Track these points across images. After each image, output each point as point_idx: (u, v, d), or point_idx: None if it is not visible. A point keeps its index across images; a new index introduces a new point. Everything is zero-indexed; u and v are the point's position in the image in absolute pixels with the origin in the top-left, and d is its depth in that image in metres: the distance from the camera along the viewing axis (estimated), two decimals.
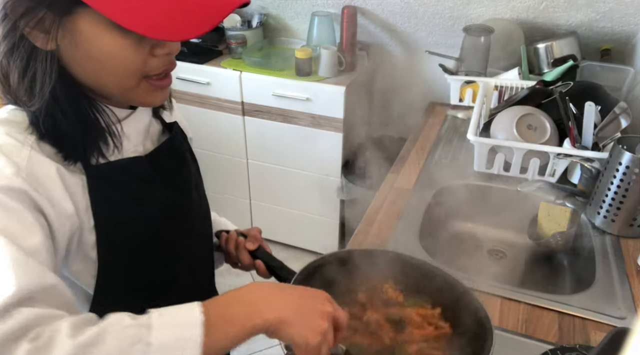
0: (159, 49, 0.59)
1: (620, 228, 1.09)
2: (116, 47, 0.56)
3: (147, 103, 0.65)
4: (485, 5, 1.83)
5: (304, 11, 2.15)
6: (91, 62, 0.57)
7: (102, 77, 0.59)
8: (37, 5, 0.54)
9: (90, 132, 0.61)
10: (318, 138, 2.05)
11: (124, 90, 0.61)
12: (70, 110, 0.59)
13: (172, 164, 0.75)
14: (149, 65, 0.59)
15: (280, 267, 0.88)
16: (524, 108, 1.33)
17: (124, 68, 0.58)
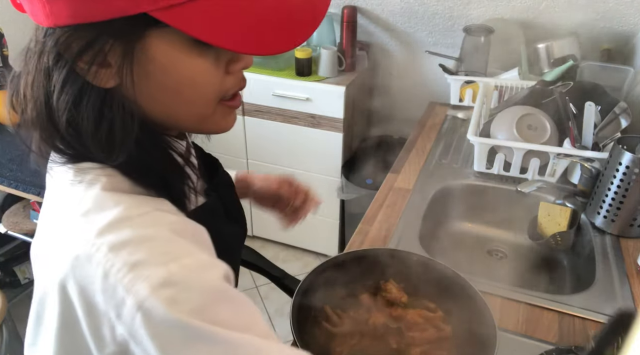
0: (234, 65, 0.51)
1: (620, 228, 1.09)
2: (195, 70, 0.48)
3: (222, 129, 0.56)
4: (485, 5, 1.83)
5: None
6: (166, 94, 0.48)
7: (178, 109, 0.50)
8: (100, 35, 0.43)
9: (178, 175, 0.54)
10: (318, 138, 2.05)
11: (201, 119, 0.53)
12: (156, 151, 0.51)
13: (229, 195, 0.69)
14: (225, 86, 0.51)
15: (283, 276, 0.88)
16: (524, 108, 1.33)
17: (203, 93, 0.50)
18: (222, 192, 0.64)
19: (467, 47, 1.76)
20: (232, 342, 0.42)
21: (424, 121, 1.70)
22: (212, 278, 0.44)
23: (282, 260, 2.37)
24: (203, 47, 0.47)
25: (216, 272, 0.45)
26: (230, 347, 0.42)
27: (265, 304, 2.15)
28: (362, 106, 2.22)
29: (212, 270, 0.45)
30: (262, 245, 2.44)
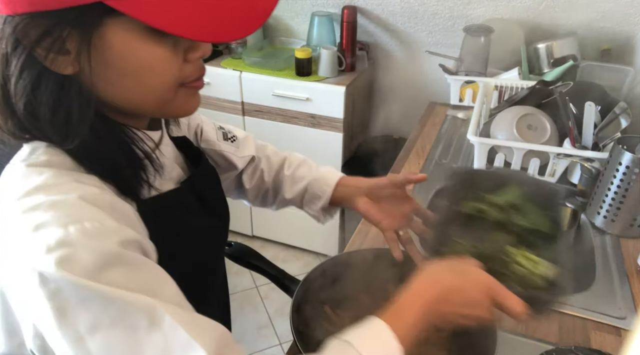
0: (192, 54, 0.53)
1: (620, 228, 1.09)
2: (153, 57, 0.49)
3: (185, 112, 0.58)
4: (485, 5, 1.83)
5: (304, 11, 2.15)
6: (125, 80, 0.50)
7: (137, 95, 0.52)
8: (58, 23, 0.45)
9: (132, 162, 0.55)
10: (318, 138, 2.05)
11: (162, 103, 0.54)
12: (109, 140, 0.53)
13: (209, 188, 0.70)
14: (184, 73, 0.53)
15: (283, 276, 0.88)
16: (524, 108, 1.33)
17: (162, 79, 0.52)
18: (199, 184, 0.65)
19: (467, 47, 1.76)
20: (125, 300, 0.44)
21: (424, 121, 1.70)
22: (110, 243, 0.45)
23: (282, 260, 2.37)
24: (160, 35, 0.48)
25: (116, 238, 0.46)
26: (123, 306, 0.44)
27: (265, 304, 2.15)
28: (362, 106, 2.22)
29: (113, 235, 0.46)
30: (262, 245, 2.44)
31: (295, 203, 0.89)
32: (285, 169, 0.89)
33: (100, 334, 0.44)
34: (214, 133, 0.84)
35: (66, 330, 0.44)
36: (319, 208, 0.87)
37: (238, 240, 0.92)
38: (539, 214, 0.71)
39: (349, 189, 0.85)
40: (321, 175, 0.88)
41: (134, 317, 0.44)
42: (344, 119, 1.97)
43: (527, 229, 0.69)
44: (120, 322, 0.44)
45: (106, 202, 0.49)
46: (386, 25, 2.08)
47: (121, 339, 0.44)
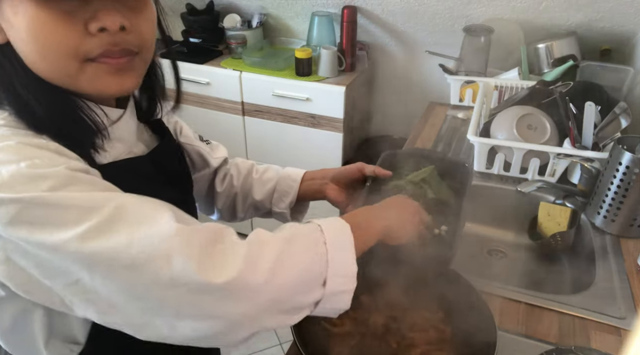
0: (92, 24, 0.53)
1: (620, 228, 1.09)
2: (43, 23, 0.51)
3: (101, 90, 0.58)
4: (485, 5, 1.83)
5: (304, 11, 2.15)
6: (27, 47, 0.53)
7: (43, 65, 0.54)
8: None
9: (80, 128, 0.59)
10: (318, 138, 2.05)
11: (67, 76, 0.55)
12: (51, 105, 0.56)
13: (171, 163, 0.75)
14: (86, 45, 0.53)
15: None
16: (524, 108, 1.33)
17: (56, 48, 0.52)
18: (159, 157, 0.71)
19: (467, 47, 1.76)
20: (88, 198, 0.50)
21: (424, 121, 1.70)
22: (60, 168, 0.50)
23: None
24: (48, 2, 0.50)
25: (65, 165, 0.51)
26: (86, 202, 0.49)
27: None
28: (362, 106, 2.22)
29: (62, 163, 0.51)
30: None
31: (265, 204, 0.95)
32: (253, 174, 0.96)
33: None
34: (191, 133, 0.89)
35: (42, 234, 0.48)
36: (287, 205, 0.93)
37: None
38: (442, 185, 0.92)
39: (316, 182, 0.93)
40: (287, 174, 0.95)
41: (98, 206, 0.49)
42: (344, 119, 1.97)
43: (433, 198, 0.89)
44: (86, 213, 0.49)
45: (51, 147, 0.53)
46: (386, 25, 2.08)
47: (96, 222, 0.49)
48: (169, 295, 0.49)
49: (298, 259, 0.56)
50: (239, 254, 0.52)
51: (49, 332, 0.61)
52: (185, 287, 0.49)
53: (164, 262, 0.48)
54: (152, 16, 0.61)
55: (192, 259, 0.49)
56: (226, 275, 0.49)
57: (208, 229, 0.53)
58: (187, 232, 0.50)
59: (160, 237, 0.49)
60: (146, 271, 0.48)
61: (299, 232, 0.58)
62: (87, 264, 0.48)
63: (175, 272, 0.48)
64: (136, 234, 0.49)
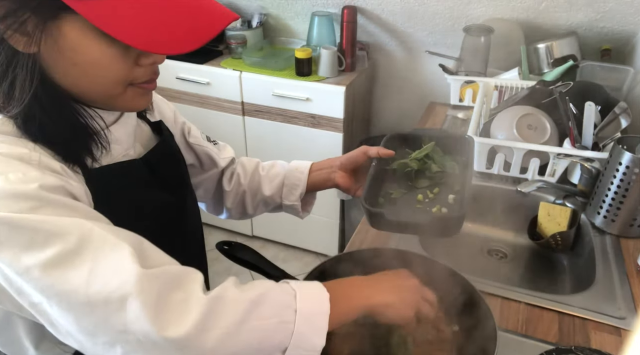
0: (145, 59, 0.57)
1: (620, 228, 1.09)
2: (102, 55, 0.54)
3: (132, 108, 0.63)
4: (485, 5, 1.83)
5: (304, 11, 2.15)
6: (75, 69, 0.55)
7: (85, 85, 0.57)
8: (20, 8, 0.51)
9: (79, 135, 0.60)
10: (318, 138, 2.05)
11: (108, 97, 0.59)
12: (56, 114, 0.57)
13: (167, 166, 0.74)
14: (133, 74, 0.58)
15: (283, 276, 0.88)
16: (524, 108, 1.33)
17: (108, 77, 0.56)
18: (155, 160, 0.71)
19: (467, 47, 1.76)
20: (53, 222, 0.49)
21: (424, 121, 1.70)
22: (31, 187, 0.50)
23: (282, 260, 2.37)
24: (111, 37, 0.51)
25: (37, 183, 0.51)
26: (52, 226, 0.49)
27: None
28: (362, 106, 2.22)
29: (34, 181, 0.51)
30: (262, 245, 2.44)
31: (275, 199, 0.94)
32: (260, 171, 0.95)
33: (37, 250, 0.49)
34: (199, 134, 0.90)
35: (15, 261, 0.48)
36: (297, 197, 0.93)
37: (238, 240, 0.92)
38: (445, 158, 0.94)
39: (323, 172, 0.93)
40: (294, 166, 0.95)
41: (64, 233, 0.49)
42: (344, 119, 1.97)
43: (437, 171, 0.92)
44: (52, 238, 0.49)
45: (33, 158, 0.54)
46: (386, 25, 2.08)
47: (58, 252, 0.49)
48: (118, 338, 0.49)
49: (258, 325, 0.53)
50: (196, 310, 0.50)
51: (39, 335, 0.61)
52: (135, 334, 0.49)
53: (119, 306, 0.48)
54: None
55: (146, 306, 0.48)
56: (177, 331, 0.49)
57: (171, 274, 0.52)
58: (146, 276, 0.50)
59: (119, 279, 0.49)
60: (100, 312, 0.48)
61: (269, 294, 0.56)
62: (46, 294, 0.49)
63: (128, 318, 0.48)
64: (95, 273, 0.49)
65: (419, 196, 0.89)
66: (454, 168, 0.93)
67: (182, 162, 0.82)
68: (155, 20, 0.52)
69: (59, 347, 0.63)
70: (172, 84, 2.15)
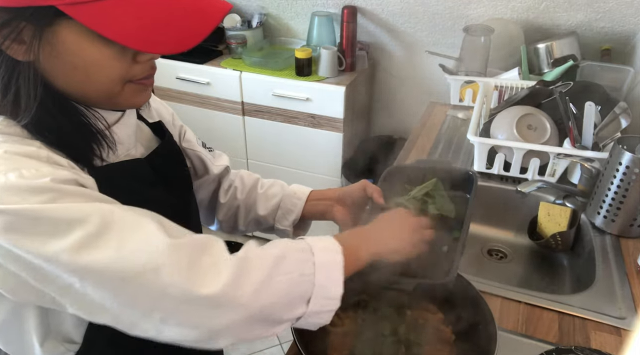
0: (142, 56, 0.58)
1: (620, 228, 1.09)
2: (100, 57, 0.54)
3: (132, 105, 0.64)
4: (485, 5, 1.83)
5: (304, 11, 2.15)
6: (75, 73, 0.56)
7: (86, 87, 0.58)
8: (15, 18, 0.51)
9: (85, 137, 0.60)
10: (318, 138, 2.05)
11: (109, 96, 0.60)
12: (62, 118, 0.58)
13: (170, 166, 0.75)
14: (132, 72, 0.58)
15: None
16: (524, 108, 1.33)
17: (108, 77, 0.57)
18: (157, 160, 0.71)
19: (467, 47, 1.75)
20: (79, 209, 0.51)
21: (424, 121, 1.70)
22: (44, 180, 0.51)
23: None
24: (108, 39, 0.52)
25: (50, 177, 0.52)
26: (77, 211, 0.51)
27: None
28: (362, 106, 2.22)
29: (47, 176, 0.52)
30: None
31: (268, 220, 0.93)
32: (258, 188, 0.94)
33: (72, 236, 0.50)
34: (194, 138, 0.90)
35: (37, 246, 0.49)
36: (290, 222, 0.92)
37: (238, 240, 0.92)
38: (445, 199, 0.90)
39: (321, 203, 0.92)
40: (292, 191, 0.93)
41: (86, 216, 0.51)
42: (344, 119, 1.97)
43: (434, 214, 0.87)
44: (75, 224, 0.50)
45: (42, 155, 0.55)
46: (386, 25, 2.08)
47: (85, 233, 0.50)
48: (156, 305, 0.52)
49: (284, 278, 0.57)
50: (226, 270, 0.53)
51: (45, 331, 0.62)
52: (172, 298, 0.51)
53: (153, 274, 0.50)
54: None
55: (180, 271, 0.51)
56: (212, 288, 0.51)
57: (196, 241, 0.55)
58: (175, 245, 0.52)
59: (148, 250, 0.51)
60: (135, 283, 0.50)
61: (288, 251, 0.59)
62: (79, 275, 0.50)
63: (163, 284, 0.51)
64: (125, 247, 0.51)
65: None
66: (451, 212, 0.89)
67: (184, 163, 0.82)
68: (150, 19, 0.52)
69: (63, 345, 0.63)
70: (172, 84, 2.15)
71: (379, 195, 0.86)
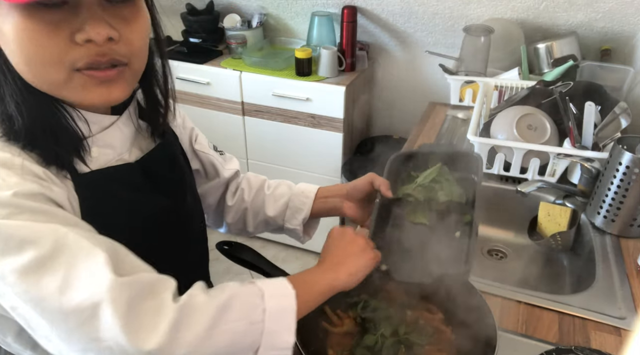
0: (79, 35, 0.53)
1: (620, 228, 1.09)
2: (29, 32, 0.51)
3: (84, 99, 0.58)
4: (485, 5, 1.83)
5: (304, 11, 2.15)
6: (15, 55, 0.54)
7: (33, 73, 0.55)
8: None
9: (61, 138, 0.58)
10: (318, 138, 2.05)
11: (54, 85, 0.56)
12: (34, 114, 0.56)
13: (163, 169, 0.73)
14: (71, 55, 0.54)
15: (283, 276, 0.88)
16: (524, 108, 1.33)
17: (41, 57, 0.53)
18: (150, 164, 0.70)
19: (467, 47, 1.75)
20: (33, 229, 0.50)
21: (424, 121, 1.70)
22: (6, 194, 0.50)
23: (282, 260, 2.37)
24: (34, 12, 0.51)
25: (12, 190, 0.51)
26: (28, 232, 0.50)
27: None
28: (362, 106, 2.22)
29: (11, 188, 0.51)
30: (262, 246, 2.44)
31: (277, 221, 0.93)
32: (265, 189, 0.94)
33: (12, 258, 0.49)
34: (206, 141, 0.89)
35: None
36: (299, 221, 0.92)
37: (238, 240, 0.92)
38: (452, 183, 0.89)
39: (330, 200, 0.92)
40: (300, 190, 0.93)
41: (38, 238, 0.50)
42: (344, 119, 1.97)
43: (445, 201, 0.87)
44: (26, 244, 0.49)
45: (16, 163, 0.54)
46: (386, 25, 2.08)
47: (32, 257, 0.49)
48: (91, 347, 0.49)
49: (231, 326, 0.54)
50: (167, 320, 0.50)
51: (31, 341, 0.61)
52: (107, 343, 0.49)
53: (92, 313, 0.48)
54: (144, 25, 0.60)
55: (118, 315, 0.48)
56: (149, 342, 0.49)
57: (143, 283, 0.52)
58: (118, 284, 0.49)
59: (91, 286, 0.49)
60: (74, 319, 0.49)
61: (237, 297, 0.56)
62: (23, 299, 0.49)
63: (100, 326, 0.48)
64: (69, 279, 0.49)
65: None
66: (461, 197, 0.88)
67: (182, 165, 0.80)
68: None
69: None
70: None
71: (387, 188, 0.86)
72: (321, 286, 0.65)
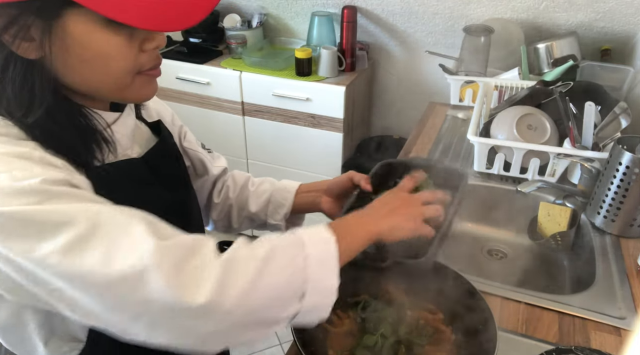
0: (148, 44, 0.58)
1: (620, 228, 1.09)
2: (109, 46, 0.55)
3: (141, 97, 0.64)
4: (485, 5, 1.83)
5: (304, 11, 2.15)
6: (85, 66, 0.56)
7: (96, 80, 0.58)
8: (23, 13, 0.51)
9: (85, 138, 0.60)
10: (318, 138, 2.05)
11: (120, 89, 0.60)
12: (64, 118, 0.58)
13: (166, 165, 0.75)
14: (139, 62, 0.59)
15: None
16: (524, 108, 1.33)
17: (118, 66, 0.57)
18: (154, 159, 0.71)
19: (467, 47, 1.75)
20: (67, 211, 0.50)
21: (424, 121, 1.70)
22: (33, 181, 0.51)
23: None
24: (116, 25, 0.53)
25: (40, 178, 0.51)
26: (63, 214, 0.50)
27: None
28: (362, 106, 2.22)
29: (37, 177, 0.51)
30: None
31: (260, 216, 0.94)
32: (249, 186, 0.95)
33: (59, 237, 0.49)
34: (194, 139, 0.90)
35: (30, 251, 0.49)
36: (281, 216, 0.92)
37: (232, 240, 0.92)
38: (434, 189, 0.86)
39: (310, 195, 0.93)
40: (282, 186, 0.94)
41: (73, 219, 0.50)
42: (344, 119, 1.97)
43: None
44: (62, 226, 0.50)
45: (35, 155, 0.54)
46: (386, 25, 2.08)
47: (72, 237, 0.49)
48: (142, 310, 0.50)
49: (275, 277, 0.55)
50: (212, 275, 0.51)
51: (49, 330, 0.62)
52: (158, 305, 0.50)
53: (138, 280, 0.49)
54: None
55: (165, 277, 0.49)
56: (198, 298, 0.50)
57: (183, 244, 0.53)
58: (161, 248, 0.51)
59: (134, 254, 0.50)
60: (121, 288, 0.49)
61: (278, 247, 0.57)
62: (66, 278, 0.49)
63: (148, 290, 0.49)
64: (111, 251, 0.50)
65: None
66: None
67: (182, 162, 0.82)
68: (155, 0, 0.53)
69: (67, 344, 0.63)
70: (172, 84, 2.15)
71: (366, 182, 0.86)
72: (361, 235, 0.65)
